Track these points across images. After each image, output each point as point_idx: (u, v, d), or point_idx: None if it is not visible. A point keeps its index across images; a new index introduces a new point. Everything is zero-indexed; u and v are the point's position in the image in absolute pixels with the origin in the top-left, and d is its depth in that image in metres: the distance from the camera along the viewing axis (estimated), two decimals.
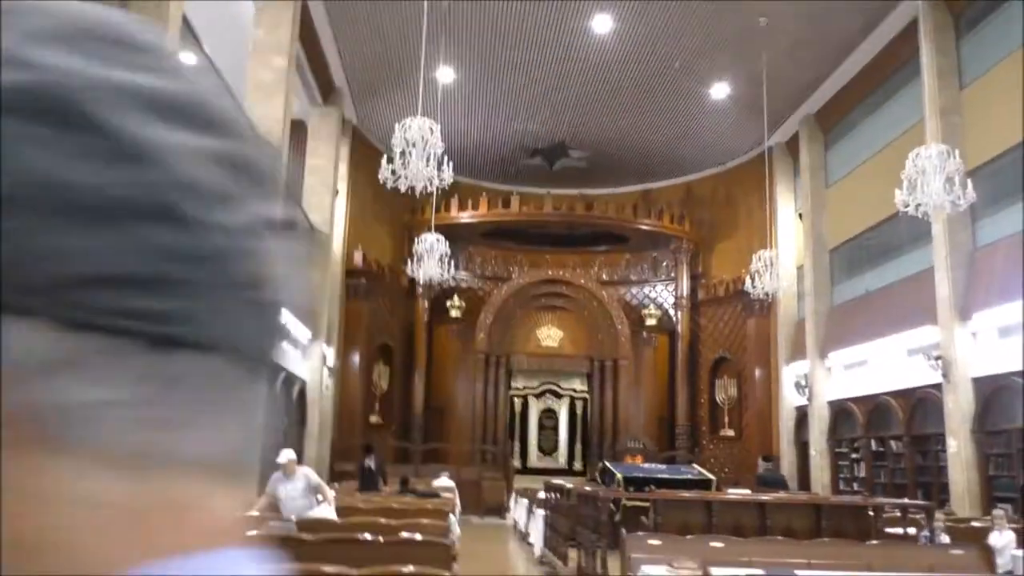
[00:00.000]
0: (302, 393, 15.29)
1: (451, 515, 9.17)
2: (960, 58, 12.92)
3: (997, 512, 8.15)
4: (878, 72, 15.37)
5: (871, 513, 7.98)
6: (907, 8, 13.52)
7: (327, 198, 16.64)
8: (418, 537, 5.52)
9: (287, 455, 7.76)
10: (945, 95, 12.69)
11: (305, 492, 7.55)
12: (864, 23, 14.37)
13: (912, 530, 8.32)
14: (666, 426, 21.36)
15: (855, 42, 14.98)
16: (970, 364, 11.86)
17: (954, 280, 12.09)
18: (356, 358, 19.05)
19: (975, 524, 9.08)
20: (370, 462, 11.45)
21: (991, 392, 11.49)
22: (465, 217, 21.00)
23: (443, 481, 14.36)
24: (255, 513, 7.45)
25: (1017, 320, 11.01)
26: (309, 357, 15.84)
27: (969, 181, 9.27)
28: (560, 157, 21.29)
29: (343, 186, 18.35)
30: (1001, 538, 7.76)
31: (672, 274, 22.20)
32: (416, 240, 14.82)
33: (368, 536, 5.40)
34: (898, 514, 8.84)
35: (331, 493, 7.61)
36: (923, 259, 13.41)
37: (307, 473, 7.66)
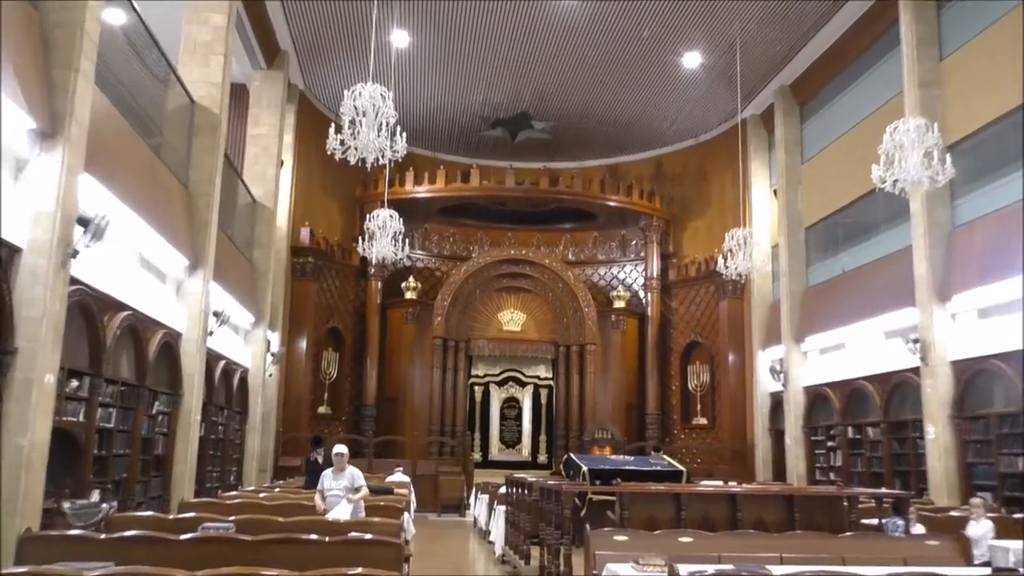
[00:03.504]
0: (243, 382, 15.11)
1: (405, 513, 9.22)
2: (941, 27, 13.02)
3: (975, 501, 8.35)
4: (856, 42, 15.49)
5: (845, 504, 8.11)
6: None
7: (271, 170, 16.43)
8: (367, 536, 5.48)
9: (341, 448, 8.22)
10: (924, 66, 12.82)
11: (347, 491, 7.98)
12: None
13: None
14: (635, 415, 21.54)
15: (832, 10, 15.07)
16: (949, 347, 12.07)
17: (933, 260, 12.27)
18: (303, 344, 18.88)
19: (953, 514, 9.30)
20: (318, 456, 11.35)
21: (970, 376, 11.73)
22: (421, 192, 20.87)
23: (397, 476, 14.43)
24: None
25: (996, 301, 11.25)
26: (251, 343, 15.66)
27: (948, 156, 9.37)
28: (523, 128, 21.20)
29: (288, 157, 18.11)
30: (978, 528, 7.95)
31: (642, 253, 22.31)
32: (368, 216, 14.60)
33: (313, 536, 5.35)
34: (873, 504, 9.02)
35: (362, 493, 8.07)
36: (901, 238, 13.60)
37: (353, 474, 8.10)
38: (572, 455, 11.79)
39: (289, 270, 18.50)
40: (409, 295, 21.15)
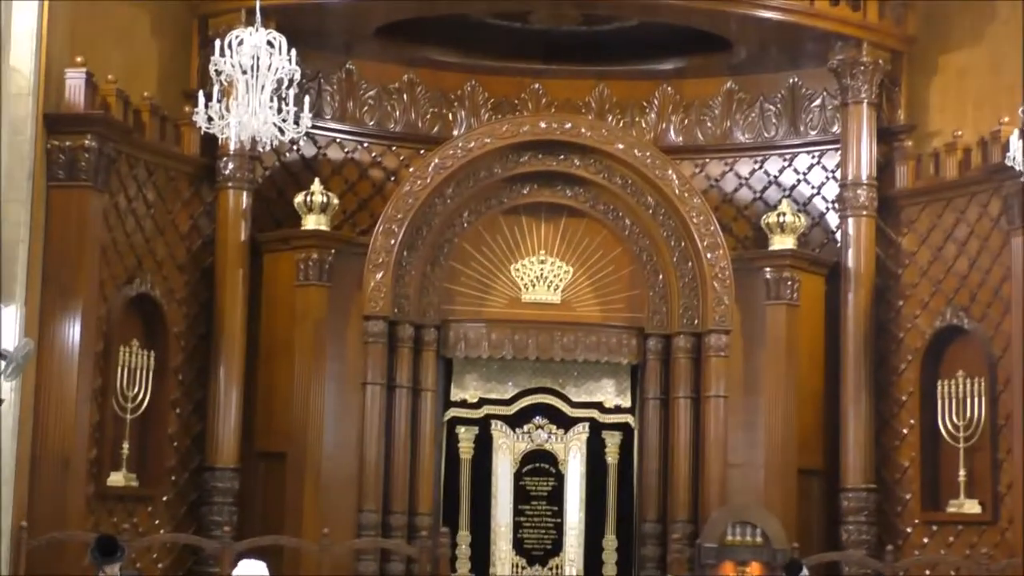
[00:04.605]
0: None
1: None
2: None
3: None
4: None
5: None
6: None
7: None
8: None
9: (250, 569, 10.27)
10: None
11: None
12: None
13: None
14: (818, 490, 20.22)
15: None
16: None
17: None
18: (73, 332, 17.47)
19: None
20: None
21: None
22: None
23: None
24: None
25: None
26: None
27: None
28: None
29: None
30: None
31: (835, 128, 20.66)
32: (220, 45, 13.09)
33: None
34: None
35: None
36: None
37: None
38: None
39: (42, 166, 17.22)
40: (312, 222, 19.62)
